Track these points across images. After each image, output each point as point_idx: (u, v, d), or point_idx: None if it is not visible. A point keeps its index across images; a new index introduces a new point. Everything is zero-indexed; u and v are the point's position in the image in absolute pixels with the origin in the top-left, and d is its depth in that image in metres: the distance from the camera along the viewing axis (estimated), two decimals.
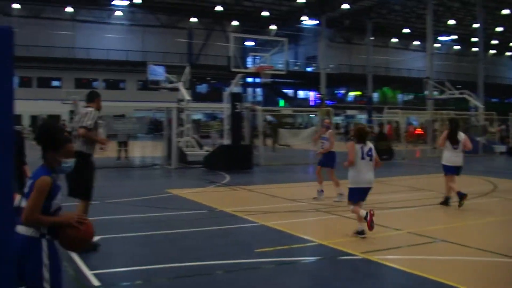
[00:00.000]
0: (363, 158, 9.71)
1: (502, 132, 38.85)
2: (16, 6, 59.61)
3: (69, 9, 61.51)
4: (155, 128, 54.14)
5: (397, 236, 10.20)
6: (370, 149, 9.80)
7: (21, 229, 4.27)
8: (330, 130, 15.01)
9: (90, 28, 65.19)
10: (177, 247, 9.15)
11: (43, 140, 4.60)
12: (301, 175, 22.47)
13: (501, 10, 63.15)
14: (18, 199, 4.52)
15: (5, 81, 4.53)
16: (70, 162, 4.89)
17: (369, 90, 70.17)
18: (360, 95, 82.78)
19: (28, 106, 50.08)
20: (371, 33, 69.46)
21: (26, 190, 4.44)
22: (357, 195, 9.88)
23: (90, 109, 9.24)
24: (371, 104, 71.47)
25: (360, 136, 9.83)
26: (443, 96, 42.52)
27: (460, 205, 12.58)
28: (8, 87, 4.55)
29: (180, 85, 28.50)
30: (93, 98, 9.49)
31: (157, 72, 30.63)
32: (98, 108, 9.38)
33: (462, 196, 12.63)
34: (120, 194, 14.86)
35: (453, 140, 13.43)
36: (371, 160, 9.79)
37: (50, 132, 4.65)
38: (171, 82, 30.25)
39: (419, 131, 48.21)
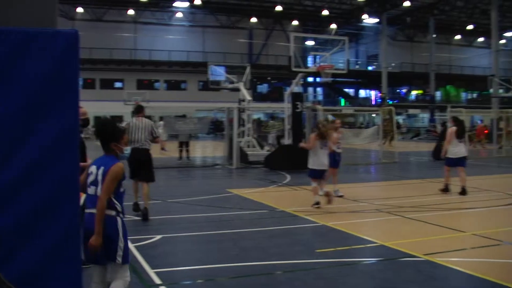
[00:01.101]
0: (321, 148, 12.85)
1: None
2: (79, 10, 60.96)
3: (130, 12, 62.56)
4: (216, 128, 54.63)
5: (462, 238, 10.00)
6: (326, 142, 12.99)
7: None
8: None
9: (151, 30, 66.06)
10: (238, 247, 9.18)
11: (105, 133, 5.42)
12: (362, 175, 22.28)
13: None
14: (83, 198, 5.30)
15: (72, 82, 4.70)
16: (128, 149, 5.65)
17: (432, 88, 68.99)
18: (422, 94, 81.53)
19: (91, 107, 50.68)
20: (434, 30, 68.27)
21: (98, 177, 5.19)
22: (317, 174, 12.94)
23: (146, 119, 12.03)
24: (434, 103, 70.32)
25: (322, 135, 12.86)
26: (509, 94, 41.55)
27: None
28: (74, 88, 4.72)
29: (240, 85, 28.65)
30: (142, 110, 12.30)
31: (218, 73, 30.89)
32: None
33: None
34: (181, 194, 15.01)
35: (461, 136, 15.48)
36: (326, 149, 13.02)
37: (110, 126, 5.56)
38: (231, 82, 30.44)
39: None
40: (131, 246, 8.80)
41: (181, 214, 12.20)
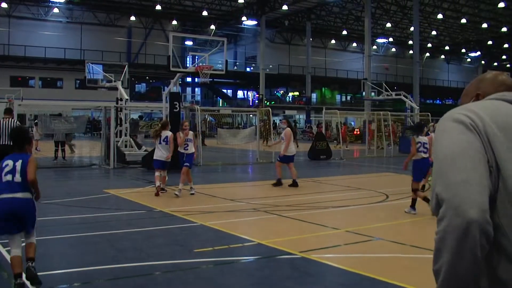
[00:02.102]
0: (160, 143, 15.07)
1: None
2: None
3: (4, 5, 59.93)
4: (93, 128, 53.49)
5: (335, 235, 10.34)
6: (162, 139, 15.05)
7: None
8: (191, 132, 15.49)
9: (26, 25, 63.57)
10: (116, 248, 9.06)
11: (23, 138, 7.06)
12: (240, 175, 22.54)
13: (436, 14, 64.80)
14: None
15: None
16: None
17: (308, 90, 70.73)
18: (299, 96, 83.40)
19: None
20: (310, 34, 70.06)
21: (17, 168, 6.60)
22: (156, 164, 15.12)
23: (14, 120, 12.96)
24: (310, 105, 72.11)
25: (156, 134, 15.26)
26: (380, 97, 43.34)
27: None
28: None
29: (118, 84, 28.19)
30: (11, 112, 14.10)
31: (95, 71, 30.24)
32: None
33: None
34: (57, 195, 14.60)
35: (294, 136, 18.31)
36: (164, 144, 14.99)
37: (27, 133, 7.38)
38: (109, 81, 29.90)
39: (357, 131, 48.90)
40: (2, 250, 8.49)
41: (56, 216, 11.86)
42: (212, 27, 68.53)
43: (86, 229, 10.42)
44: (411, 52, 68.41)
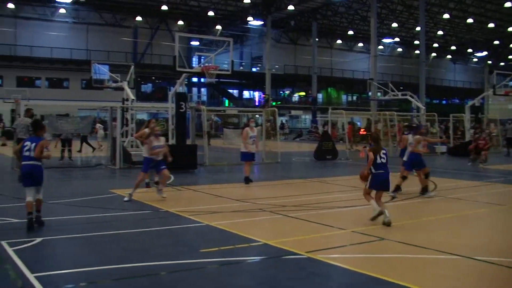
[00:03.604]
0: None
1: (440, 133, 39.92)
2: None
3: (11, 5, 60.05)
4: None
5: (342, 235, 10.32)
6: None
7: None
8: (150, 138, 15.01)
9: (33, 25, 63.76)
10: (122, 248, 9.06)
11: (38, 125, 11.06)
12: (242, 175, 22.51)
13: (442, 14, 64.68)
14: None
15: None
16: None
17: (314, 90, 70.71)
18: (305, 96, 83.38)
19: None
20: (316, 34, 70.01)
21: (31, 147, 10.53)
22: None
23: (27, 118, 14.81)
24: (316, 105, 72.06)
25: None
26: (386, 97, 43.25)
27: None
28: None
29: (124, 84, 28.21)
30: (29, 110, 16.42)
31: (101, 71, 30.27)
32: None
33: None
34: (63, 195, 14.62)
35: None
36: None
37: (40, 121, 11.42)
38: (115, 81, 29.93)
39: (363, 131, 48.78)
40: (9, 249, 8.52)
41: (62, 216, 11.89)
42: (218, 27, 68.61)
43: (92, 229, 10.43)
44: (417, 52, 68.48)
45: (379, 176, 11.23)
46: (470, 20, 66.71)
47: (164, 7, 61.57)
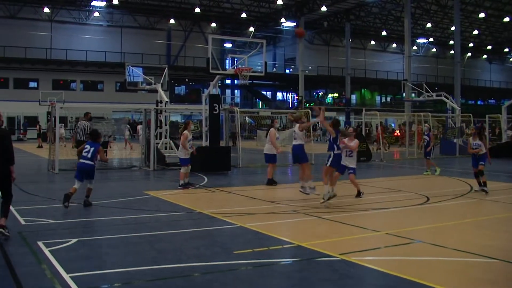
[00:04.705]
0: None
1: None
2: None
3: (46, 10, 60.96)
4: (133, 130, 54.08)
5: (375, 237, 10.25)
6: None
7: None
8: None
9: (68, 29, 64.67)
10: (156, 249, 9.11)
11: (96, 135, 13.80)
12: (279, 177, 22.47)
13: (478, 13, 63.89)
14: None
15: None
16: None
17: (347, 92, 70.40)
18: (338, 97, 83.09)
19: (4, 107, 49.53)
20: (350, 35, 69.70)
21: (91, 150, 13.24)
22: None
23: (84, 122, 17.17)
24: (350, 106, 71.73)
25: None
26: (420, 98, 42.92)
27: None
28: None
29: (158, 87, 28.42)
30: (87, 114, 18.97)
31: (135, 74, 30.53)
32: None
33: None
34: (97, 196, 14.76)
35: None
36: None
37: (98, 131, 14.35)
38: (149, 83, 30.17)
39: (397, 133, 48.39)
40: (45, 250, 8.63)
41: (97, 217, 12.03)
42: (251, 29, 68.71)
43: (127, 230, 10.52)
44: (452, 52, 67.71)
45: (339, 156, 14.03)
46: (506, 19, 65.81)
47: (197, 10, 61.86)
